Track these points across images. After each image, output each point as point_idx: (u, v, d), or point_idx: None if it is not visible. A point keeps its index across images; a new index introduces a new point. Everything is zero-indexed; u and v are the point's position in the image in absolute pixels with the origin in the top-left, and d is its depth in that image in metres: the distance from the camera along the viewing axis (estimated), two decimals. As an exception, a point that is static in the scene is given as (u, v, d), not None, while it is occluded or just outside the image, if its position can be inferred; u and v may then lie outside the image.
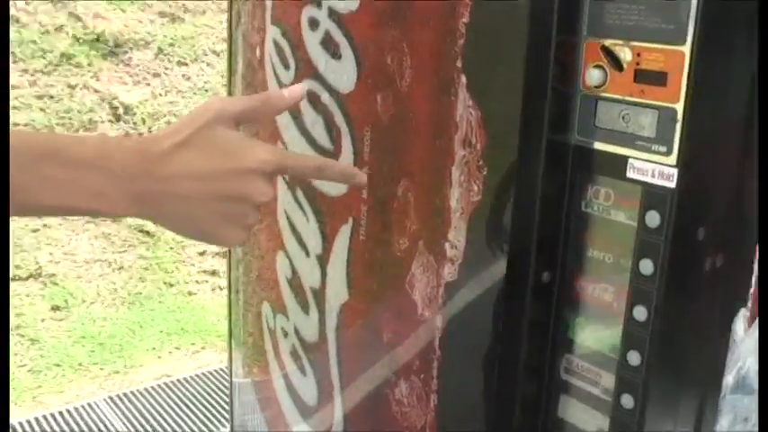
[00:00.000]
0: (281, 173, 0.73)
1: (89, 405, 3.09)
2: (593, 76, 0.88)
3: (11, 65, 4.14)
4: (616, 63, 0.87)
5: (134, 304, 3.74)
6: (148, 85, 4.43)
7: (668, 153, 0.83)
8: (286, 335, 1.44)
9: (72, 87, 4.21)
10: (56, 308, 3.59)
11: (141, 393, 3.18)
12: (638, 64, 0.85)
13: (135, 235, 4.03)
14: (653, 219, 0.86)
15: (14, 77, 4.10)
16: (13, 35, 4.15)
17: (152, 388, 3.23)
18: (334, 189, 1.22)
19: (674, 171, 0.83)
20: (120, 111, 4.28)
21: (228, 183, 0.69)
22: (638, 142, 0.86)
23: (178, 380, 3.29)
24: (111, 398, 3.15)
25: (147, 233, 4.05)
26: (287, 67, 1.30)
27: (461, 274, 1.03)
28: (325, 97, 1.20)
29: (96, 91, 4.26)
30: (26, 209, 0.65)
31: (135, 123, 4.28)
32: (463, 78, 0.97)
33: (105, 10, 4.41)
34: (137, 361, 3.42)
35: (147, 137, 0.71)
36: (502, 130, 0.95)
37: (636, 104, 0.85)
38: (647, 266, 0.87)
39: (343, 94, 1.17)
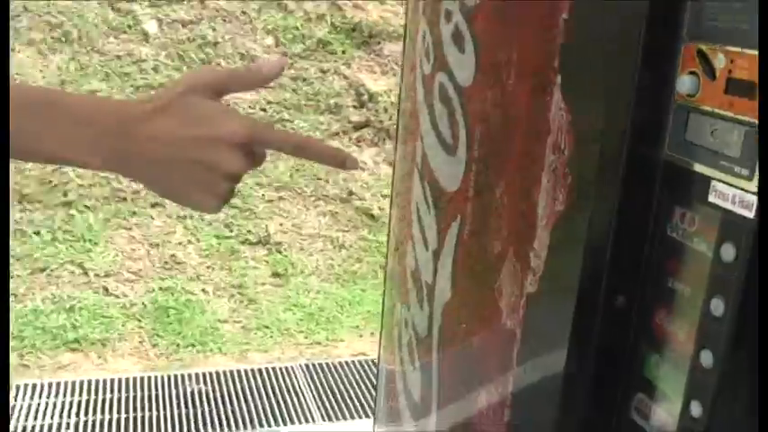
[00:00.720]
0: (254, 146, 0.73)
1: (287, 368, 3.29)
2: (684, 83, 0.79)
3: (274, 48, 4.48)
4: (710, 70, 0.77)
5: (348, 282, 3.91)
6: (395, 75, 4.58)
7: (750, 177, 0.72)
8: (406, 325, 1.43)
9: (324, 72, 4.47)
10: (276, 274, 3.84)
11: (335, 366, 3.33)
12: (730, 72, 0.74)
13: (360, 217, 4.20)
14: (728, 252, 0.75)
15: (275, 59, 4.43)
16: (278, 21, 4.49)
17: (347, 363, 3.36)
18: (450, 184, 1.20)
19: (755, 199, 0.72)
20: (365, 98, 4.47)
21: (197, 149, 0.71)
22: (722, 162, 0.76)
23: (372, 360, 3.40)
24: (307, 365, 3.32)
25: (372, 216, 4.21)
26: (428, 59, 1.29)
27: (541, 287, 0.97)
28: (451, 91, 1.18)
29: (345, 77, 4.49)
30: (19, 153, 0.72)
31: (377, 111, 4.46)
32: (558, 78, 0.91)
33: (364, 2, 4.62)
34: (339, 336, 3.58)
35: (131, 101, 0.75)
36: (587, 137, 0.88)
37: (724, 118, 0.75)
38: (717, 306, 0.77)
39: (463, 89, 1.14)
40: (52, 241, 3.62)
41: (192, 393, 3.07)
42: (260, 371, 3.26)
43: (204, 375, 3.22)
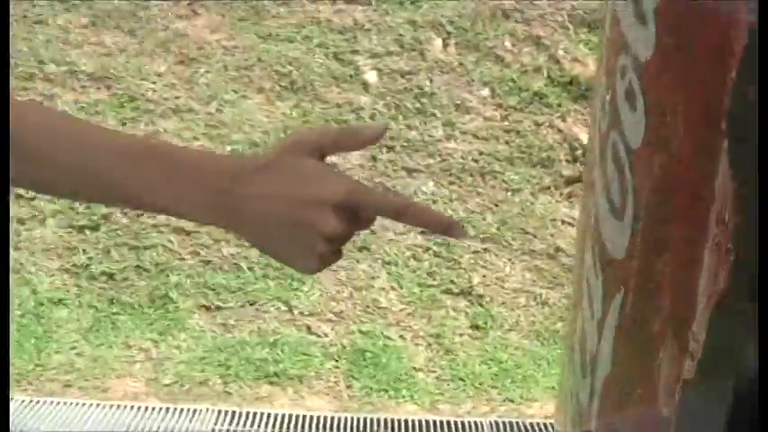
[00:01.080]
0: (352, 208, 0.71)
1: (476, 423, 3.24)
2: None
3: (489, 99, 4.50)
4: None
5: (548, 341, 3.78)
6: (613, 130, 4.43)
7: None
8: (572, 393, 1.35)
9: (538, 125, 4.42)
10: (475, 327, 3.80)
11: (524, 426, 3.22)
12: None
13: (566, 274, 4.06)
14: None
15: (489, 110, 4.46)
16: (495, 73, 4.51)
17: (537, 425, 3.24)
18: (617, 251, 1.12)
19: None
20: (579, 152, 4.35)
21: (295, 209, 0.70)
22: None
23: (566, 426, 3.25)
24: (496, 422, 3.24)
25: (579, 275, 4.06)
26: (605, 116, 1.22)
27: (698, 373, 0.87)
28: (622, 151, 1.11)
29: (559, 131, 4.40)
30: (114, 199, 0.75)
31: (591, 166, 4.32)
32: (725, 143, 0.82)
33: (583, 55, 4.53)
34: (534, 395, 3.46)
35: (237, 157, 0.76)
36: (756, 210, 0.78)
37: None
38: None
39: (633, 150, 1.06)
40: (263, 278, 3.82)
41: (380, 439, 3.10)
42: (448, 423, 3.23)
43: (393, 422, 3.24)
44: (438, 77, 4.51)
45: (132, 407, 3.15)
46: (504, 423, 3.24)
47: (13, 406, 3.11)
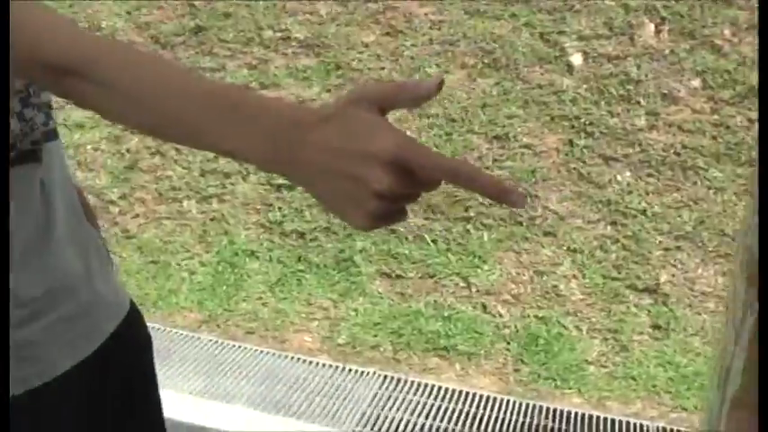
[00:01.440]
0: (405, 165, 0.70)
1: (641, 425, 3.13)
2: None
3: (700, 90, 4.25)
4: None
5: (736, 352, 3.56)
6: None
7: None
8: (710, 403, 1.29)
9: (751, 122, 4.11)
10: (656, 327, 3.65)
11: (694, 438, 3.07)
12: None
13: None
14: None
15: (699, 102, 4.21)
16: (709, 63, 4.25)
17: (709, 438, 3.07)
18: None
19: None
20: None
21: (348, 161, 0.71)
22: None
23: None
24: (664, 429, 3.11)
25: None
26: None
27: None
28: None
29: (777, 129, 4.08)
30: (181, 138, 0.79)
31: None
32: None
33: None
34: (711, 407, 3.28)
35: (300, 107, 0.77)
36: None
37: None
38: None
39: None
40: (446, 251, 3.88)
41: (539, 427, 3.07)
42: (613, 421, 3.14)
43: (557, 412, 3.19)
44: (646, 64, 4.32)
45: (305, 360, 3.33)
46: (672, 431, 3.10)
47: (199, 345, 3.40)
